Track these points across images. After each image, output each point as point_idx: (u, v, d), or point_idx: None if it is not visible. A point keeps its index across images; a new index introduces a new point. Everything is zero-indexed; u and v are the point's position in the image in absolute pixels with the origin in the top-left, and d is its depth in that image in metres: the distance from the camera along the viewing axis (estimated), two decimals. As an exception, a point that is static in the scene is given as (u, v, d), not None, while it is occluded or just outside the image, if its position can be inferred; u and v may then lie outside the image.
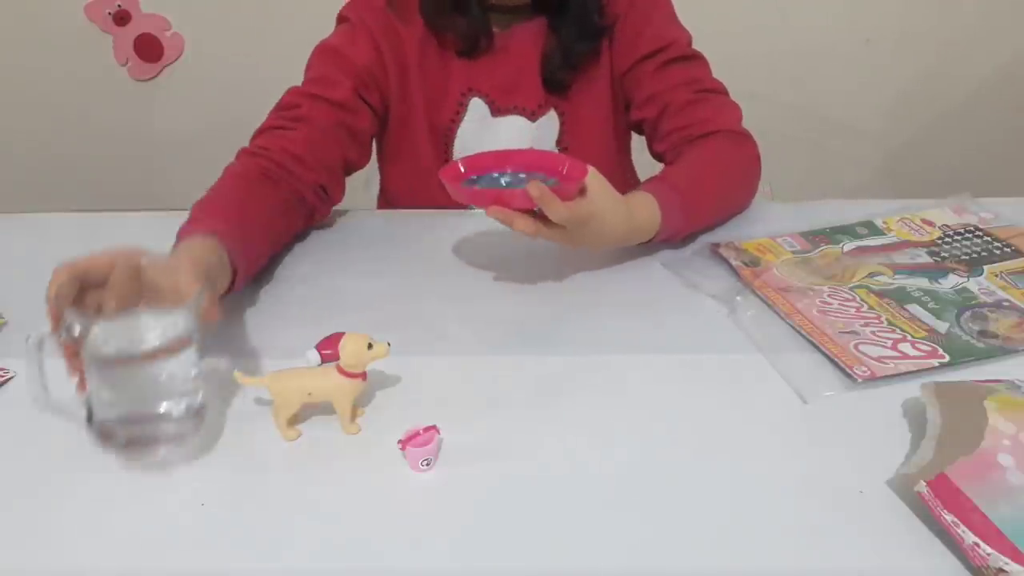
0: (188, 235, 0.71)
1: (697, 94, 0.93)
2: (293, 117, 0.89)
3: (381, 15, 0.93)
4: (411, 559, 0.52)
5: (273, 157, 0.86)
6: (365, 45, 0.92)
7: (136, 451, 0.58)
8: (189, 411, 0.59)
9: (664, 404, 0.65)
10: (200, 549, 0.53)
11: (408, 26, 0.93)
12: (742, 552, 0.52)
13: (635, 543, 0.52)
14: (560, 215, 0.71)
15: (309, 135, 0.88)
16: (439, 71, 0.96)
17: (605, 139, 1.02)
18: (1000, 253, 0.84)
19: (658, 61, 0.94)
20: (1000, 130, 2.00)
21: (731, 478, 0.57)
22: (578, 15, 0.92)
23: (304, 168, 0.87)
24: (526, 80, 0.96)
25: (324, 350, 0.60)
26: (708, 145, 0.90)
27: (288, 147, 0.87)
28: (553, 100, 0.98)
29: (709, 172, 0.88)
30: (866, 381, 0.65)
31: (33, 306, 0.80)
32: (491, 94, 0.97)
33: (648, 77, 0.94)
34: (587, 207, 0.74)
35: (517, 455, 0.60)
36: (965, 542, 0.49)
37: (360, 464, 0.59)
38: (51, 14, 1.88)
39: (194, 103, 1.95)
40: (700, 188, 0.86)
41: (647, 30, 0.94)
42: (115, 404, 0.57)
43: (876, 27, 1.89)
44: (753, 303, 0.77)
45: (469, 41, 0.93)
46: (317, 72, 0.93)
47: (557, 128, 1.00)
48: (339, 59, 0.92)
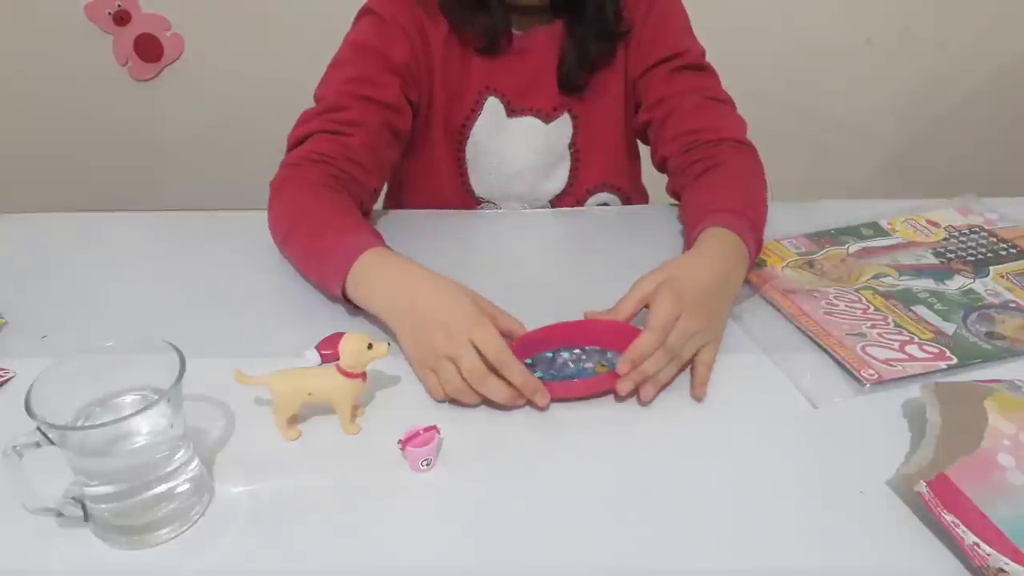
0: (352, 261, 0.71)
1: (705, 100, 0.93)
2: (345, 121, 0.87)
3: (411, 11, 0.92)
4: (411, 559, 0.52)
5: (339, 165, 0.84)
6: (402, 43, 0.91)
7: (141, 537, 0.53)
8: (191, 483, 0.55)
9: (664, 404, 0.65)
10: (200, 549, 0.53)
11: (434, 23, 0.93)
12: (742, 552, 0.51)
13: (635, 543, 0.52)
14: (650, 346, 0.64)
15: (367, 141, 0.87)
16: (460, 69, 0.95)
17: (616, 144, 1.02)
18: (1006, 254, 0.84)
19: (671, 67, 0.94)
20: (1001, 130, 2.00)
21: (731, 478, 0.57)
22: (595, 17, 0.93)
23: (367, 175, 0.87)
24: (543, 82, 0.97)
25: (324, 350, 0.60)
26: (729, 163, 0.88)
27: (350, 155, 0.85)
28: (568, 103, 0.98)
29: (751, 192, 0.85)
30: (873, 385, 0.65)
31: (33, 306, 0.81)
32: (507, 94, 0.97)
33: (659, 81, 0.95)
34: (664, 307, 0.66)
35: (517, 455, 0.60)
36: (965, 542, 0.49)
37: (360, 464, 0.59)
38: (51, 14, 1.88)
39: (194, 103, 1.95)
40: (754, 203, 0.83)
41: (663, 36, 0.95)
42: (109, 498, 0.53)
43: (876, 27, 1.88)
44: (759, 305, 0.77)
45: (490, 39, 0.93)
46: (360, 71, 0.89)
47: (570, 131, 1.00)
48: (381, 58, 0.90)
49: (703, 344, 0.67)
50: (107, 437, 0.51)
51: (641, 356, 0.63)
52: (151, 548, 0.53)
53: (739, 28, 1.83)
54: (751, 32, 1.85)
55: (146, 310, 0.80)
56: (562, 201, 1.03)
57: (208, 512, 0.56)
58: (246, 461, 0.60)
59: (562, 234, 0.97)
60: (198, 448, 0.57)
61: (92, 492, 0.52)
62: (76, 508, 0.53)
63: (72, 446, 0.51)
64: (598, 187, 1.03)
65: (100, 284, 0.85)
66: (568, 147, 1.01)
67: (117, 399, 0.55)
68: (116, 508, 0.53)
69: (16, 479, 0.50)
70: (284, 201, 0.83)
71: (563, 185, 1.02)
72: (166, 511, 0.54)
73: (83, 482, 0.52)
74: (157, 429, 0.52)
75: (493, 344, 0.62)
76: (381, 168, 0.90)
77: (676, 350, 0.65)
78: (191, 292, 0.83)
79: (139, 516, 0.53)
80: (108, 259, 0.91)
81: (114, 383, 0.55)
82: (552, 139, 0.99)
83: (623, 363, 0.63)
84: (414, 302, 0.67)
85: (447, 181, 1.01)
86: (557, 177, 1.02)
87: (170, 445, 0.53)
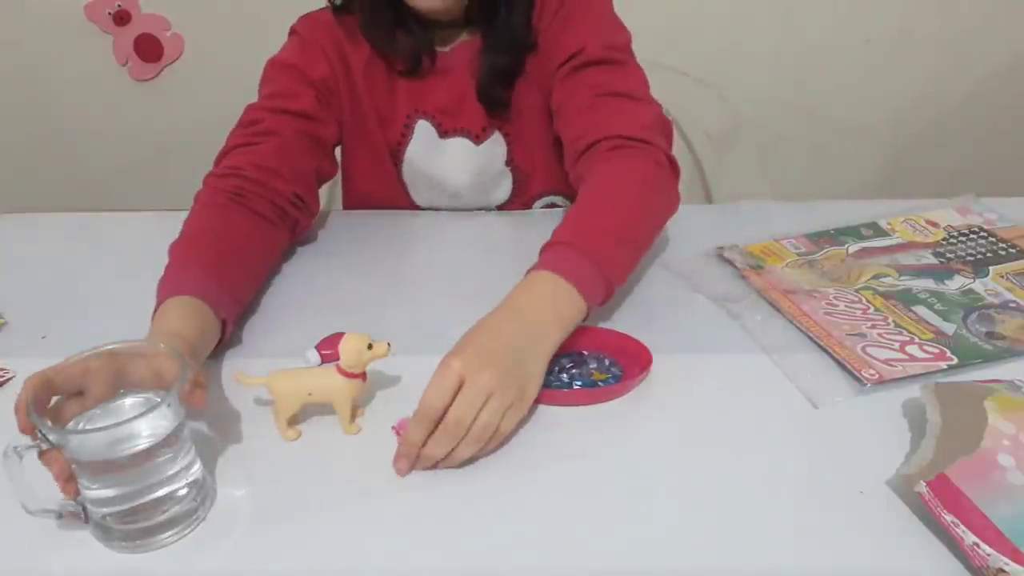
0: (166, 296, 0.67)
1: (598, 98, 0.84)
2: (258, 132, 0.87)
3: (330, 33, 0.92)
4: (411, 558, 0.52)
5: (245, 174, 0.83)
6: (320, 60, 0.91)
7: (142, 541, 0.53)
8: (193, 487, 0.55)
9: (665, 404, 0.65)
10: (200, 549, 0.53)
11: (355, 48, 0.92)
12: (742, 552, 0.51)
13: (635, 542, 0.52)
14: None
15: (278, 147, 0.86)
16: (386, 92, 0.95)
17: (553, 159, 0.96)
18: (1005, 254, 0.84)
19: (569, 68, 0.87)
20: (1001, 130, 2.00)
21: (731, 478, 0.57)
22: (504, 29, 0.89)
23: (279, 180, 0.85)
24: (469, 102, 0.94)
25: (324, 350, 0.60)
26: (596, 168, 0.79)
27: (259, 161, 0.84)
28: (497, 122, 0.96)
29: (613, 209, 0.75)
30: (874, 385, 0.65)
31: (33, 306, 0.81)
32: (436, 116, 0.96)
33: (558, 86, 0.88)
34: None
35: (516, 455, 0.60)
36: (965, 542, 0.49)
37: (360, 464, 0.59)
38: (51, 14, 1.88)
39: (194, 103, 1.95)
40: (596, 225, 0.72)
41: (563, 37, 0.88)
42: (110, 502, 0.52)
43: (876, 27, 1.88)
44: (759, 306, 0.77)
45: (412, 61, 0.92)
46: (275, 87, 0.91)
47: (504, 149, 0.98)
48: (295, 72, 0.91)
49: (503, 407, 0.58)
50: (108, 440, 0.51)
51: (412, 448, 0.57)
52: (153, 552, 0.53)
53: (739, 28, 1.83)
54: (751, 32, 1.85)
55: (146, 310, 0.80)
56: (509, 207, 1.02)
57: (209, 514, 0.56)
58: (246, 462, 0.60)
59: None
60: (199, 450, 0.57)
61: (93, 495, 0.52)
62: (77, 510, 0.53)
63: (72, 449, 0.51)
64: (544, 193, 1.02)
65: (100, 284, 0.85)
66: (506, 164, 0.99)
67: (118, 401, 0.55)
68: (117, 511, 0.53)
69: (16, 480, 0.50)
70: (188, 218, 0.80)
71: (508, 196, 1.01)
72: (168, 515, 0.53)
73: (84, 485, 0.52)
74: (159, 432, 0.52)
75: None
76: (299, 173, 0.88)
77: (465, 423, 0.57)
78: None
79: (141, 520, 0.53)
80: (108, 259, 0.91)
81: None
82: (486, 159, 0.98)
83: (399, 460, 0.58)
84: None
85: (396, 199, 1.01)
86: (501, 191, 1.00)
87: (172, 448, 0.53)
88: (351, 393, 0.61)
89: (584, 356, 0.70)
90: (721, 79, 0.96)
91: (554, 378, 0.67)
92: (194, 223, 0.79)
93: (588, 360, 0.70)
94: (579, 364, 0.69)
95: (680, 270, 0.83)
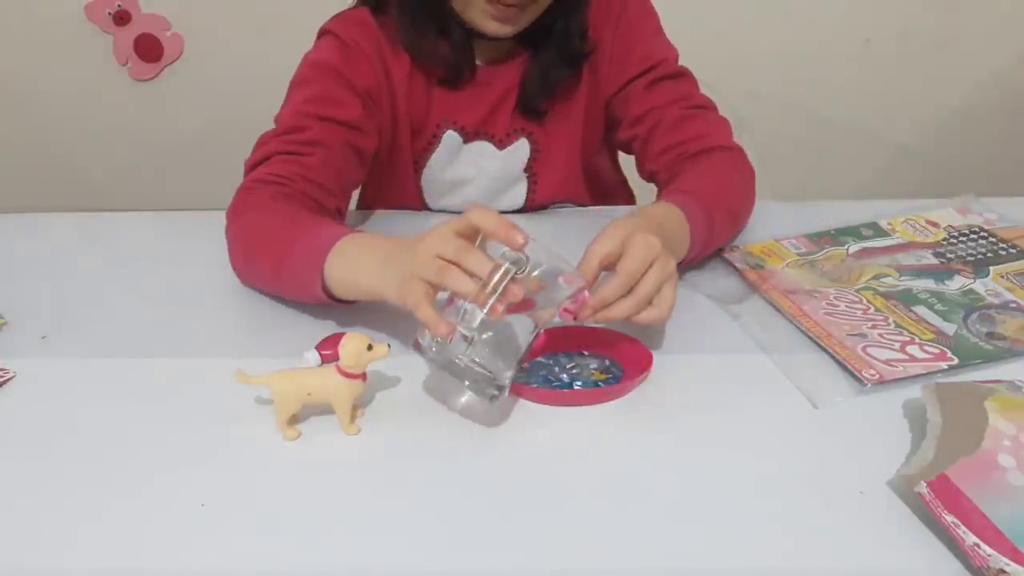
0: (330, 245, 0.68)
1: (688, 110, 0.91)
2: (304, 141, 0.83)
3: (372, 37, 0.89)
4: (411, 558, 0.52)
5: (294, 186, 0.80)
6: (365, 68, 0.88)
7: (482, 391, 0.60)
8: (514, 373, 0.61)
9: (665, 404, 0.65)
10: (200, 549, 0.53)
11: (396, 55, 0.90)
12: (742, 552, 0.51)
13: (635, 542, 0.52)
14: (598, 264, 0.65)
15: (326, 160, 0.83)
16: (422, 102, 0.93)
17: (574, 164, 1.00)
18: (1005, 254, 0.84)
19: (648, 79, 0.92)
20: (1001, 130, 2.00)
21: (730, 478, 0.57)
22: (561, 43, 0.89)
23: (327, 195, 0.83)
24: (502, 112, 0.94)
25: (324, 350, 0.60)
26: (711, 160, 0.87)
27: (307, 175, 0.81)
28: (525, 128, 0.96)
29: (724, 186, 0.85)
30: (874, 385, 0.65)
31: (33, 306, 0.81)
32: (466, 126, 0.95)
33: (638, 96, 0.92)
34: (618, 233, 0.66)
35: (517, 455, 0.60)
36: (966, 543, 0.49)
37: (360, 464, 0.59)
38: (51, 14, 1.88)
39: (194, 103, 1.95)
40: (718, 201, 0.81)
41: (636, 49, 0.92)
42: (484, 350, 0.59)
43: (875, 27, 1.88)
44: (759, 306, 0.77)
45: (452, 70, 0.91)
46: (318, 90, 0.87)
47: (527, 155, 0.98)
48: (341, 78, 0.87)
49: (673, 288, 0.67)
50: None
51: (602, 303, 0.64)
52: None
53: (739, 28, 1.83)
54: (751, 32, 1.85)
55: (146, 310, 0.80)
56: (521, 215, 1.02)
57: (207, 511, 0.56)
58: (246, 461, 0.60)
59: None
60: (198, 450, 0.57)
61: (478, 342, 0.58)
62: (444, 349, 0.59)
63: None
64: (556, 200, 1.02)
65: (100, 284, 0.85)
66: (524, 170, 0.99)
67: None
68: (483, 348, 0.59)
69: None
70: (241, 226, 0.79)
71: (521, 203, 1.01)
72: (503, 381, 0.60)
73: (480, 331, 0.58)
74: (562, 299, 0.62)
75: (450, 244, 0.58)
76: (343, 188, 0.87)
77: (647, 297, 0.65)
78: (191, 292, 0.83)
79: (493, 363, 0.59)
80: (108, 259, 0.91)
81: None
82: (506, 164, 0.98)
83: (584, 310, 0.64)
84: (401, 255, 0.64)
85: (409, 203, 1.01)
86: (514, 196, 1.00)
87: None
88: (351, 393, 0.61)
89: (584, 356, 0.70)
90: (720, 79, 0.96)
91: (554, 378, 0.68)
92: (272, 218, 0.77)
93: (588, 360, 0.70)
94: (579, 364, 0.69)
95: (680, 270, 0.83)
